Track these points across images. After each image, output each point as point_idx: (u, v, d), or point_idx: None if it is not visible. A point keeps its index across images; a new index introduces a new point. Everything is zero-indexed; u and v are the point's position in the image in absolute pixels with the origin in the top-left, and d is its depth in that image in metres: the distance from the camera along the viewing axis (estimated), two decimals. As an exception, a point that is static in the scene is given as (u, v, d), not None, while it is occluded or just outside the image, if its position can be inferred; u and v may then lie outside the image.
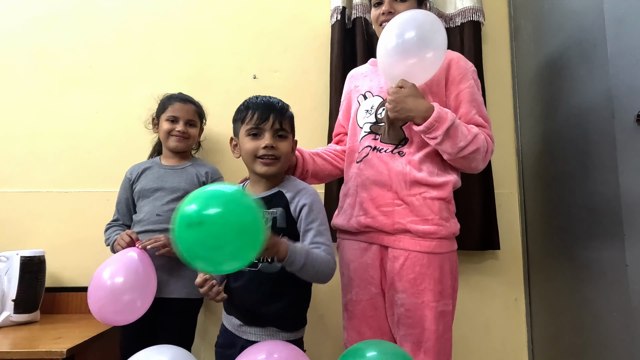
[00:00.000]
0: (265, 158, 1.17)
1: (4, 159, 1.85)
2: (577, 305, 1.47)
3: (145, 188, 1.59)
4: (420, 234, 1.21)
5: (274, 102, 1.22)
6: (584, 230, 1.43)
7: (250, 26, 1.93)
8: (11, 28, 1.92)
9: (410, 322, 1.21)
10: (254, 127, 1.17)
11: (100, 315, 1.30)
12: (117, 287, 1.29)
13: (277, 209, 1.17)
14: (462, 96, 1.28)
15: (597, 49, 1.34)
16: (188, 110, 1.62)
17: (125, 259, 1.36)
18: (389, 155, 1.27)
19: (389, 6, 1.35)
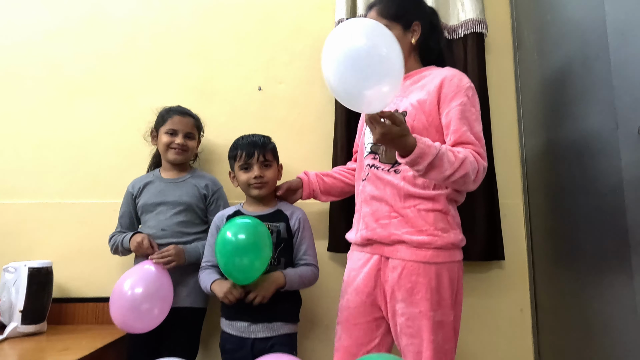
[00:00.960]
0: (256, 185, 1.47)
1: (11, 170, 1.87)
2: (584, 315, 1.46)
3: (148, 203, 1.63)
4: (415, 244, 1.24)
5: (257, 141, 1.51)
6: (590, 240, 1.43)
7: (256, 37, 1.95)
8: (19, 39, 1.95)
9: (410, 331, 1.23)
10: (244, 163, 1.49)
11: (122, 324, 1.40)
12: (137, 297, 1.39)
13: (279, 223, 1.48)
14: (452, 113, 1.27)
15: (599, 60, 1.35)
16: (187, 123, 1.65)
17: (142, 270, 1.46)
18: (385, 172, 1.33)
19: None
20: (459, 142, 1.25)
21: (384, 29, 1.08)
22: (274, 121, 1.89)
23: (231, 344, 1.42)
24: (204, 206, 1.65)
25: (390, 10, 1.38)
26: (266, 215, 1.48)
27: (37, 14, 1.96)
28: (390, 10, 1.38)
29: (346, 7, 1.83)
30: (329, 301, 1.73)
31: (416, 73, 1.41)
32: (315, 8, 1.95)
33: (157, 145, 1.68)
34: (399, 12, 1.38)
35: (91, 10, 1.97)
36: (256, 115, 1.90)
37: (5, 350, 1.41)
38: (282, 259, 1.45)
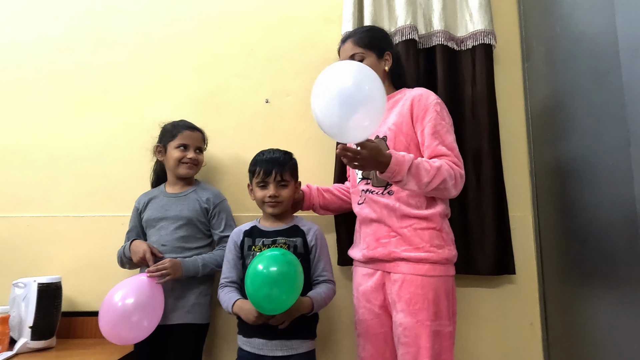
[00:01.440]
0: (270, 203, 1.48)
1: (20, 184, 1.89)
2: (596, 330, 1.44)
3: (150, 218, 1.64)
4: (414, 260, 1.35)
5: (277, 158, 1.51)
6: (601, 255, 1.41)
7: (263, 50, 1.95)
8: (28, 53, 1.96)
9: (407, 340, 1.31)
10: (261, 181, 1.49)
11: (110, 335, 1.41)
12: (127, 308, 1.40)
13: (297, 238, 1.48)
14: (426, 131, 1.39)
15: (611, 75, 1.33)
16: (196, 138, 1.67)
17: (134, 281, 1.47)
18: (380, 195, 1.44)
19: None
20: (433, 156, 1.37)
21: (368, 70, 1.23)
22: (282, 134, 1.88)
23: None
24: (205, 220, 1.65)
25: (365, 41, 1.50)
26: (283, 231, 1.50)
27: (45, 29, 1.98)
28: (365, 41, 1.50)
29: (353, 20, 1.83)
30: (340, 314, 1.74)
31: (390, 97, 1.52)
32: (323, 21, 1.94)
33: (165, 160, 1.68)
34: (373, 42, 1.51)
35: (99, 25, 1.98)
36: (263, 128, 1.90)
37: (15, 367, 1.42)
38: None
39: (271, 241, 1.47)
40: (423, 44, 1.84)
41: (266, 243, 1.46)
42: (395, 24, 1.84)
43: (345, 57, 1.50)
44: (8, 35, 1.98)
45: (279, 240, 1.46)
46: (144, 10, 1.99)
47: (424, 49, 1.84)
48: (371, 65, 1.39)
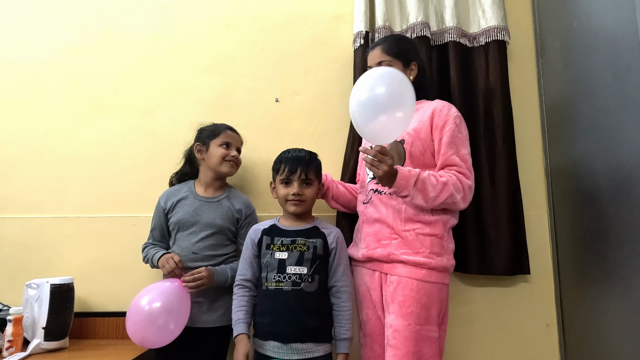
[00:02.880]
0: (294, 201, 1.47)
1: (32, 185, 1.89)
2: (613, 331, 1.41)
3: (182, 220, 1.61)
4: (412, 263, 1.36)
5: (302, 157, 1.50)
6: (620, 253, 1.38)
7: (272, 50, 1.94)
8: (40, 57, 1.97)
9: (395, 342, 1.32)
10: (285, 178, 1.47)
11: (137, 339, 1.40)
12: (154, 311, 1.40)
13: (317, 239, 1.47)
14: (443, 140, 1.42)
15: (631, 71, 1.30)
16: (237, 139, 1.70)
17: (162, 286, 1.47)
18: (388, 197, 1.44)
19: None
20: (445, 165, 1.41)
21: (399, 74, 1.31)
22: (292, 133, 1.87)
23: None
24: (234, 229, 1.65)
25: (393, 50, 1.52)
26: (303, 231, 1.48)
27: (57, 32, 1.99)
28: (393, 50, 1.52)
29: (364, 19, 1.81)
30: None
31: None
32: (333, 20, 1.93)
33: (206, 157, 1.66)
34: (401, 51, 1.52)
35: (110, 28, 1.98)
36: (273, 128, 1.89)
37: (29, 367, 1.42)
38: (316, 276, 1.43)
39: (290, 241, 1.45)
40: (435, 41, 1.81)
41: (285, 242, 1.45)
42: (407, 21, 1.81)
43: (373, 63, 1.52)
44: (20, 38, 1.99)
45: (298, 241, 1.45)
46: (155, 13, 1.99)
47: (436, 46, 1.81)
48: None
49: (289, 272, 1.41)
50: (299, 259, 1.42)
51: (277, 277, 1.41)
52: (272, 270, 1.43)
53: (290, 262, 1.42)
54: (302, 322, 1.37)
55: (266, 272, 1.44)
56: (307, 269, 1.41)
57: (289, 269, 1.42)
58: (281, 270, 1.42)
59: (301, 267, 1.41)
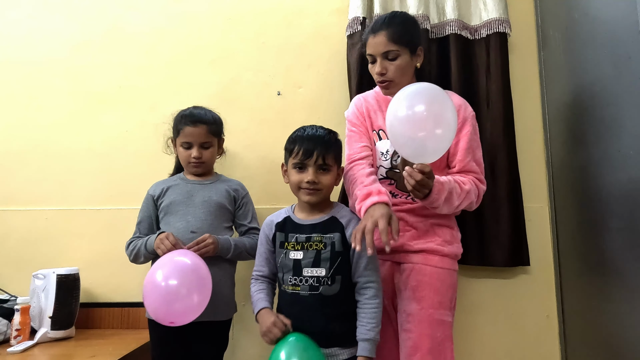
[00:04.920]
0: (308, 190, 1.29)
1: (39, 178, 1.93)
2: (613, 323, 1.42)
3: (173, 202, 1.53)
4: (426, 251, 1.37)
5: (320, 136, 1.32)
6: (620, 246, 1.38)
7: (274, 43, 1.95)
8: (45, 52, 2.00)
9: (409, 326, 1.32)
10: (299, 162, 1.29)
11: (159, 317, 1.28)
12: (172, 287, 1.26)
13: (334, 234, 1.30)
14: (461, 144, 1.39)
15: (631, 61, 1.30)
16: (200, 134, 1.54)
17: (175, 259, 1.33)
18: (403, 200, 1.43)
19: (381, 67, 1.40)
20: (463, 171, 1.39)
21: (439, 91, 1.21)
22: (294, 126, 1.81)
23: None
24: (232, 209, 1.59)
25: (402, 37, 1.39)
26: (318, 225, 1.31)
27: (61, 27, 2.01)
28: (402, 37, 1.39)
29: (362, 6, 1.80)
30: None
31: None
32: (334, 12, 1.93)
33: (178, 155, 1.63)
34: (408, 37, 1.41)
35: (113, 23, 2.00)
36: (276, 121, 1.90)
37: (36, 356, 1.46)
38: (337, 277, 1.26)
39: (305, 238, 1.30)
40: (436, 34, 1.81)
41: (300, 240, 1.30)
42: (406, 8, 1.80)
43: (376, 51, 1.40)
44: (24, 33, 2.01)
45: (313, 238, 1.29)
46: (158, 8, 2.00)
47: (436, 38, 1.81)
48: (405, 64, 1.40)
49: (306, 275, 1.26)
50: (316, 259, 1.27)
51: (293, 280, 1.28)
52: (288, 272, 1.29)
53: (306, 263, 1.27)
54: (324, 328, 1.23)
55: (282, 273, 1.31)
56: (326, 270, 1.25)
57: (306, 271, 1.26)
58: (297, 273, 1.27)
59: (319, 268, 1.26)
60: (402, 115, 1.18)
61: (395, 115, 1.20)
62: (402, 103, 1.19)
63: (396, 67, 1.40)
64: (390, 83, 1.42)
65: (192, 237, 1.46)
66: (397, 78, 1.41)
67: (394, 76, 1.41)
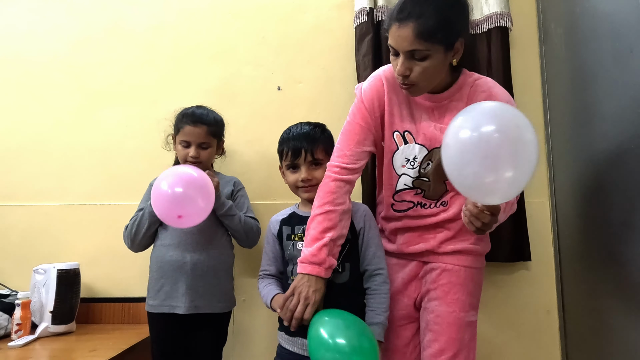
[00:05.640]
0: (305, 187, 1.33)
1: (40, 174, 1.93)
2: (614, 318, 1.41)
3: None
4: (458, 251, 1.29)
5: (305, 133, 1.34)
6: (621, 240, 1.38)
7: (274, 38, 1.94)
8: (45, 48, 1.99)
9: (437, 328, 1.26)
10: (290, 163, 1.34)
11: (167, 219, 1.36)
12: (177, 191, 1.32)
13: None
14: None
15: (633, 55, 1.29)
16: (199, 134, 1.55)
17: (178, 168, 1.42)
18: (434, 210, 1.31)
19: (404, 67, 1.14)
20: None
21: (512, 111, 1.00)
22: (294, 121, 1.83)
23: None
24: (231, 200, 1.61)
25: (434, 31, 1.08)
26: None
27: (61, 23, 2.00)
28: (434, 31, 1.08)
29: (368, -3, 1.79)
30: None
31: (459, 88, 1.27)
32: (334, 8, 1.92)
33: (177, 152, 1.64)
34: (445, 31, 1.10)
35: (113, 19, 1.99)
36: (276, 116, 1.89)
37: (37, 350, 1.46)
38: (346, 265, 1.27)
39: None
40: (437, 28, 1.80)
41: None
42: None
43: (399, 47, 1.12)
44: (25, 30, 2.01)
45: None
46: (157, 3, 1.99)
47: (437, 32, 1.79)
48: (436, 65, 1.14)
49: None
50: None
51: None
52: (297, 263, 1.27)
53: None
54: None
55: (292, 265, 1.31)
56: (334, 257, 1.25)
57: None
58: None
59: None
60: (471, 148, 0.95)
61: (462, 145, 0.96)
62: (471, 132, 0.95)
63: (423, 69, 1.13)
64: (412, 87, 1.18)
65: (190, 231, 1.49)
66: (422, 82, 1.17)
67: (418, 80, 1.15)
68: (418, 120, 1.29)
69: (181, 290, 1.46)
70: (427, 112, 1.28)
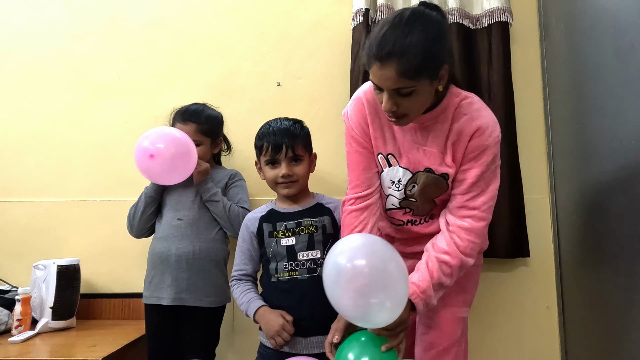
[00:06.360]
0: (285, 184, 1.33)
1: (39, 169, 1.92)
2: (613, 314, 1.42)
3: (171, 188, 1.59)
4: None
5: (286, 129, 1.34)
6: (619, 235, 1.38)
7: (274, 34, 1.93)
8: (44, 42, 1.98)
9: (430, 322, 1.28)
10: (270, 159, 1.33)
11: (141, 160, 1.43)
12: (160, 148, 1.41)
13: (323, 217, 1.34)
14: (469, 174, 1.17)
15: (634, 50, 1.28)
16: (188, 132, 1.53)
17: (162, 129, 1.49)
18: (425, 225, 1.31)
19: (390, 104, 1.09)
20: (462, 207, 1.20)
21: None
22: (294, 117, 1.86)
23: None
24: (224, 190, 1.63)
25: (417, 68, 1.03)
26: (306, 210, 1.35)
27: (60, 17, 1.99)
28: (417, 68, 1.03)
29: (366, -4, 1.78)
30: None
31: (443, 109, 1.20)
32: (334, 3, 1.91)
33: None
34: (428, 64, 1.04)
35: (112, 13, 1.98)
36: (275, 112, 1.84)
37: (37, 345, 1.47)
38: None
39: (295, 224, 1.32)
40: (437, 23, 1.78)
41: (290, 227, 1.32)
42: (409, 1, 1.79)
43: (384, 86, 1.07)
44: (23, 22, 2.00)
45: (304, 222, 1.31)
46: (156, -3, 1.98)
47: (438, 28, 1.78)
48: (422, 97, 1.10)
49: (302, 259, 1.29)
50: (310, 242, 1.30)
51: (289, 266, 1.29)
52: (282, 260, 1.30)
53: (300, 248, 1.30)
54: (323, 311, 1.20)
55: (275, 262, 1.31)
56: (321, 252, 1.28)
57: (301, 255, 1.29)
58: (292, 258, 1.29)
59: (313, 250, 1.29)
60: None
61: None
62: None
63: (411, 102, 1.09)
64: (402, 119, 1.14)
65: (178, 224, 1.54)
66: (412, 113, 1.13)
67: (407, 111, 1.12)
68: (401, 142, 1.25)
69: (167, 282, 1.50)
70: (411, 134, 1.24)
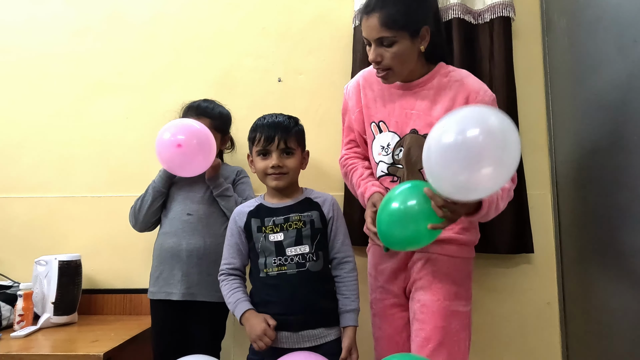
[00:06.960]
0: (274, 175, 1.33)
1: (40, 165, 1.93)
2: (613, 310, 1.41)
3: (178, 183, 1.59)
4: (443, 240, 1.29)
5: (279, 122, 1.36)
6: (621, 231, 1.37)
7: (275, 29, 1.93)
8: (45, 38, 1.98)
9: (423, 317, 1.28)
10: (262, 149, 1.34)
11: (168, 150, 1.43)
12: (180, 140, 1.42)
13: (312, 212, 1.36)
14: None
15: (637, 45, 1.27)
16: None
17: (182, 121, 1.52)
18: None
19: (375, 54, 1.25)
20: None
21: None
22: (295, 113, 1.79)
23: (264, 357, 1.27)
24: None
25: (396, 19, 1.20)
26: (295, 205, 1.36)
27: (61, 13, 1.99)
28: (396, 19, 1.20)
29: (367, -6, 1.77)
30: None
31: (431, 77, 1.33)
32: (335, -2, 1.90)
33: None
34: (406, 20, 1.21)
35: (113, 9, 1.98)
36: (276, 107, 1.82)
37: (39, 340, 1.47)
38: (320, 253, 1.33)
39: (283, 219, 1.34)
40: (439, 18, 1.78)
41: (278, 222, 1.33)
42: None
43: (369, 36, 1.25)
44: (23, 18, 2.00)
45: (292, 218, 1.33)
46: (157, -7, 1.98)
47: (439, 23, 1.78)
48: (404, 50, 1.23)
49: (290, 254, 1.30)
50: (298, 237, 1.31)
51: (277, 261, 1.30)
52: (270, 255, 1.31)
53: (288, 243, 1.31)
54: (313, 305, 1.28)
55: (264, 257, 1.32)
56: (309, 246, 1.30)
57: (289, 251, 1.30)
58: (280, 253, 1.31)
59: (302, 245, 1.31)
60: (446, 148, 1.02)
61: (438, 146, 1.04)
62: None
63: (393, 54, 1.23)
64: (388, 72, 1.28)
65: (188, 219, 1.54)
66: (395, 66, 1.26)
67: (391, 64, 1.25)
68: (390, 108, 1.36)
69: (177, 277, 1.50)
70: (399, 99, 1.35)
